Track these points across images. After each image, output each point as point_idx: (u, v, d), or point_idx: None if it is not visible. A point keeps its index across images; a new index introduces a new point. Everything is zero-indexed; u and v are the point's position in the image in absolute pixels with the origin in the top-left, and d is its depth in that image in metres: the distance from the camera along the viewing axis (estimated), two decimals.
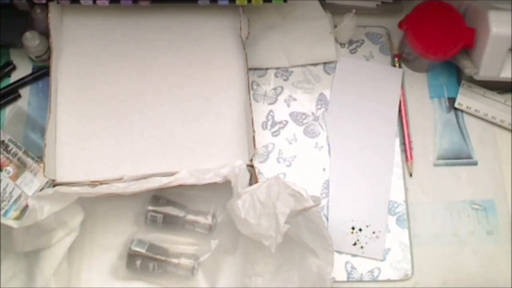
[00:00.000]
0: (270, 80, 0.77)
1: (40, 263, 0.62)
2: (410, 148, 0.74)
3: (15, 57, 0.76)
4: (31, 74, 0.75)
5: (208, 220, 0.68)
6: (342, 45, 0.79)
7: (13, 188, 0.67)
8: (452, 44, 0.71)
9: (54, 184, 0.65)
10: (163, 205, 0.68)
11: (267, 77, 0.77)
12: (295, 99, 0.76)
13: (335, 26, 0.77)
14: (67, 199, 0.62)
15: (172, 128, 0.70)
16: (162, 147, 0.69)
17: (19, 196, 0.67)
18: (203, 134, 0.70)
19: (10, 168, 0.67)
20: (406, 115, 0.76)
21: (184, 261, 0.66)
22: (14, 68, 0.75)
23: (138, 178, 0.64)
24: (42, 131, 0.69)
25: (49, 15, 0.70)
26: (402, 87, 0.77)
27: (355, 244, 0.70)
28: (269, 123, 0.75)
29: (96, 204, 0.68)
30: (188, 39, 0.74)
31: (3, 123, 0.73)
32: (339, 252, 0.70)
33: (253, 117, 0.67)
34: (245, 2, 0.71)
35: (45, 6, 0.71)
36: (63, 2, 0.71)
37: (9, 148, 0.68)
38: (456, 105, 0.76)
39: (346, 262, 0.70)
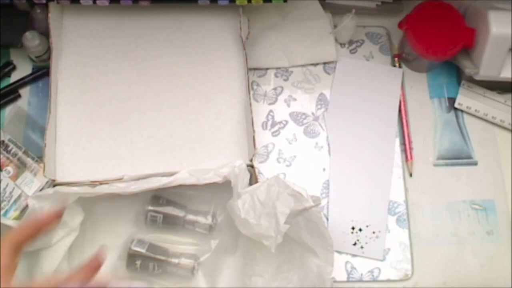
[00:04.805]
0: (270, 80, 0.77)
1: (40, 263, 0.62)
2: (410, 148, 0.74)
3: (15, 57, 0.76)
4: (31, 74, 0.75)
5: (208, 220, 0.67)
6: (342, 45, 0.79)
7: (13, 188, 0.67)
8: (452, 44, 0.71)
9: (54, 184, 0.65)
10: (163, 205, 0.68)
11: (267, 77, 0.77)
12: (295, 99, 0.76)
13: (335, 26, 0.77)
14: (67, 199, 0.62)
15: (172, 128, 0.70)
16: (162, 147, 0.69)
17: (19, 196, 0.67)
18: (203, 134, 0.70)
19: (10, 168, 0.67)
20: (406, 115, 0.76)
21: (184, 261, 0.66)
22: (14, 68, 0.75)
23: (138, 178, 0.64)
24: (42, 131, 0.69)
25: (49, 15, 0.70)
26: (402, 87, 0.77)
27: (355, 244, 0.70)
28: (269, 123, 0.75)
29: (96, 204, 0.67)
30: (188, 39, 0.74)
31: (3, 123, 0.73)
32: (339, 252, 0.70)
33: (253, 117, 0.67)
34: (245, 2, 0.71)
35: (45, 6, 0.71)
36: (63, 2, 0.71)
37: (9, 148, 0.68)
38: (456, 105, 0.76)
39: (346, 262, 0.70)
